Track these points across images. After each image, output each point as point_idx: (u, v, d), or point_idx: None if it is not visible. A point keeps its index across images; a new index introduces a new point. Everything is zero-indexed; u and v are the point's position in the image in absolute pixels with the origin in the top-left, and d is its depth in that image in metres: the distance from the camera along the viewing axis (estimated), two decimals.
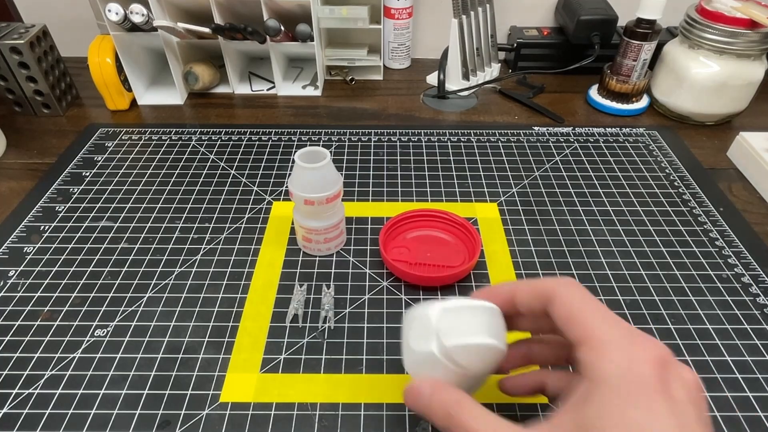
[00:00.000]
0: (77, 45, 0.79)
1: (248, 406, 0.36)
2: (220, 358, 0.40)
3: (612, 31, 0.73)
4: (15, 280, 0.46)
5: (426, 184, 0.57)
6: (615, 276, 0.46)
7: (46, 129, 0.67)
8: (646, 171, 0.59)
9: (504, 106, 0.72)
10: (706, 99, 0.65)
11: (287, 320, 0.42)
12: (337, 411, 0.36)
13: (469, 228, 0.47)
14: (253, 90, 0.75)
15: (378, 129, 0.66)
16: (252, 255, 0.48)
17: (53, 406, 0.36)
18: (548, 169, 0.59)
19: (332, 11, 0.69)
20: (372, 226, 0.51)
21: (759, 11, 0.59)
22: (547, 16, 0.82)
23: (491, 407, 0.36)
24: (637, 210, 0.54)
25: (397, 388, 0.38)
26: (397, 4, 0.75)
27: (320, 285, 0.45)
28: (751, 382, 0.38)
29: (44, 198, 0.55)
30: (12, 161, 0.61)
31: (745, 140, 0.59)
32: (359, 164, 0.60)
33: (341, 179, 0.44)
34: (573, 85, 0.76)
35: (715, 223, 0.52)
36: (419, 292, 0.45)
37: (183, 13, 0.69)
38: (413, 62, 0.84)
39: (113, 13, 0.61)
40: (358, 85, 0.78)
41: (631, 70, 0.67)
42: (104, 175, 0.58)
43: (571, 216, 0.53)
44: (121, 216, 0.52)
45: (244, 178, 0.58)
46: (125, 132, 0.66)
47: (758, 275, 0.46)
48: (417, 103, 0.73)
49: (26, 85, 0.66)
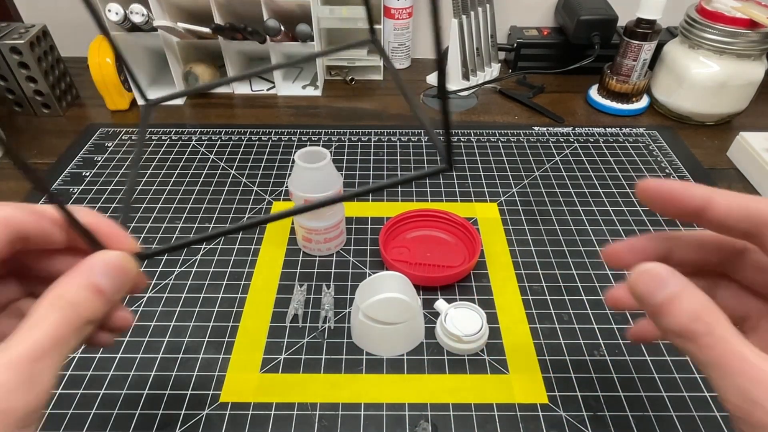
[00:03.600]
0: (77, 45, 0.79)
1: (248, 406, 0.36)
2: (220, 358, 0.40)
3: (612, 31, 0.73)
4: None
5: (426, 184, 0.57)
6: (615, 276, 0.46)
7: (46, 129, 0.67)
8: (646, 171, 0.59)
9: (504, 106, 0.72)
10: (706, 99, 0.65)
11: (287, 320, 0.42)
12: (337, 411, 0.36)
13: (469, 228, 0.47)
14: (253, 90, 0.75)
15: (378, 129, 0.66)
16: (252, 255, 0.48)
17: (54, 406, 0.36)
18: (548, 169, 0.59)
19: (332, 11, 0.69)
20: (372, 226, 0.51)
21: (759, 11, 0.59)
22: (547, 16, 0.82)
23: (491, 407, 0.36)
24: (637, 210, 0.53)
25: (397, 388, 0.38)
26: (397, 4, 0.75)
27: (320, 285, 0.45)
28: None
29: (44, 198, 0.55)
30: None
31: (745, 140, 0.59)
32: (359, 164, 0.60)
33: (341, 179, 0.44)
34: (573, 85, 0.76)
35: None
36: (419, 292, 0.45)
37: (183, 13, 0.69)
38: (413, 62, 0.84)
39: (113, 13, 0.61)
40: (358, 85, 0.78)
41: (631, 70, 0.67)
42: (104, 175, 0.58)
43: (571, 216, 0.53)
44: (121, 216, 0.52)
45: (244, 178, 0.58)
46: (125, 132, 0.66)
47: None
48: (417, 103, 0.73)
49: (26, 85, 0.66)
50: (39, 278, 0.26)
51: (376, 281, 0.39)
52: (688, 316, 0.21)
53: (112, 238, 0.23)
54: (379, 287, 0.38)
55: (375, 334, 0.39)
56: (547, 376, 0.38)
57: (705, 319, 0.21)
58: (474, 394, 0.37)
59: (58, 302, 0.21)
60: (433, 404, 0.37)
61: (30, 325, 0.20)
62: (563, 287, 0.45)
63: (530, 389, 0.38)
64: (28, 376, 0.19)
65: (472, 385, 0.38)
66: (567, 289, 0.45)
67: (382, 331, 0.38)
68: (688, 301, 0.21)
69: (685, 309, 0.21)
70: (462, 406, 0.36)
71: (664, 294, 0.22)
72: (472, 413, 0.36)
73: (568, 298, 0.44)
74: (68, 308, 0.21)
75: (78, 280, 0.21)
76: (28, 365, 0.19)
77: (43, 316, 0.20)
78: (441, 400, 0.37)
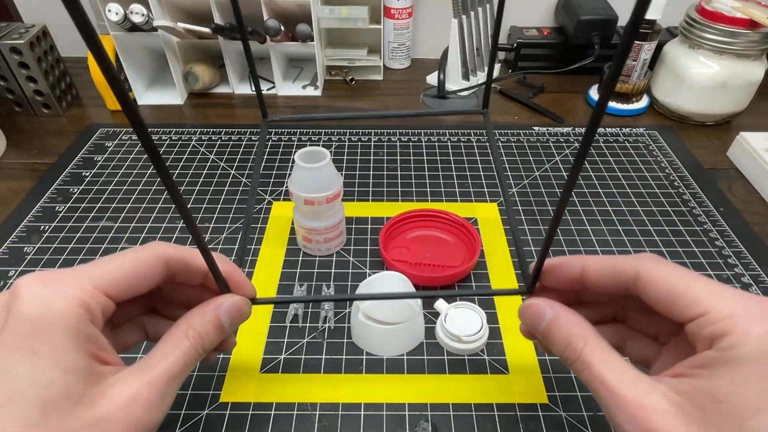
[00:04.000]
0: (77, 45, 0.79)
1: (248, 406, 0.36)
2: (220, 358, 0.40)
3: (612, 31, 0.73)
4: (15, 280, 0.46)
5: (426, 184, 0.57)
6: None
7: (46, 129, 0.67)
8: (646, 171, 0.59)
9: (504, 106, 0.72)
10: (706, 99, 0.65)
11: (287, 320, 0.42)
12: (337, 411, 0.36)
13: (469, 228, 0.47)
14: (253, 90, 0.75)
15: (378, 129, 0.66)
16: (252, 255, 0.48)
17: None
18: (548, 169, 0.59)
19: (332, 11, 0.69)
20: (372, 226, 0.51)
21: (759, 11, 0.59)
22: (547, 16, 0.82)
23: (491, 407, 0.36)
24: (637, 210, 0.54)
25: (397, 388, 0.38)
26: (397, 4, 0.75)
27: (320, 285, 0.45)
28: None
29: (44, 198, 0.55)
30: (12, 161, 0.61)
31: (745, 140, 0.59)
32: (359, 164, 0.60)
33: (341, 179, 0.44)
34: (573, 85, 0.76)
35: (715, 223, 0.52)
36: None
37: (183, 13, 0.69)
38: (413, 62, 0.84)
39: (113, 13, 0.61)
40: (358, 85, 0.78)
41: (631, 70, 0.67)
42: (104, 175, 0.58)
43: (571, 216, 0.53)
44: (121, 216, 0.52)
45: (244, 178, 0.58)
46: (125, 132, 0.66)
47: (758, 275, 0.46)
48: (417, 103, 0.73)
49: (26, 85, 0.66)
50: (162, 299, 0.31)
51: (376, 281, 0.39)
52: (560, 345, 0.25)
53: (239, 285, 0.29)
54: (379, 287, 0.38)
55: (375, 334, 0.39)
56: (547, 376, 0.38)
57: (573, 346, 0.24)
58: (474, 394, 0.37)
59: (190, 332, 0.26)
60: (433, 404, 0.37)
61: (165, 352, 0.25)
62: None
63: (530, 389, 0.38)
64: (163, 394, 0.24)
65: (472, 385, 0.38)
66: None
67: (382, 331, 0.38)
68: (559, 330, 0.25)
69: (557, 338, 0.25)
70: (462, 406, 0.36)
71: (543, 325, 0.26)
72: (472, 413, 0.36)
73: None
74: (196, 339, 0.26)
75: (207, 317, 0.26)
76: (164, 385, 0.24)
77: (177, 344, 0.25)
78: (441, 400, 0.37)
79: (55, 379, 0.21)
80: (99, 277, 0.25)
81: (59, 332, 0.22)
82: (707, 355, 0.22)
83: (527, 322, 0.27)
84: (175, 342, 0.25)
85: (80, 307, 0.23)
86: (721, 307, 0.22)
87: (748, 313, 0.22)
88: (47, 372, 0.22)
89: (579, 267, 0.27)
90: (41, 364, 0.22)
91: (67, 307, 0.23)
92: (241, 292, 0.28)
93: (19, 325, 0.22)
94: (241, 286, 0.29)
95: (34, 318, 0.22)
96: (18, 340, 0.22)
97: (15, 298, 0.23)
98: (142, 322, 0.30)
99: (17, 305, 0.23)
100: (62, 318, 0.23)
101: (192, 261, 0.28)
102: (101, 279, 0.25)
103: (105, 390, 0.23)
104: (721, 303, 0.22)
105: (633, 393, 0.22)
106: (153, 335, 0.30)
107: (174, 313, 0.30)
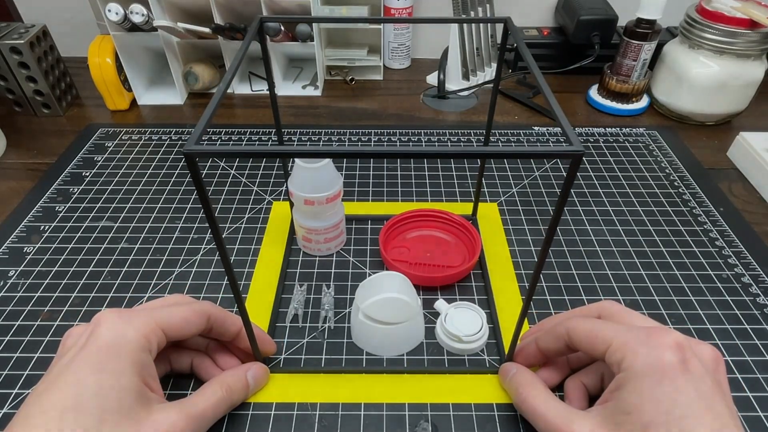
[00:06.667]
0: (77, 45, 0.79)
1: (248, 406, 0.36)
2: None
3: (612, 31, 0.73)
4: (15, 280, 0.46)
5: (426, 184, 0.57)
6: (615, 276, 0.46)
7: (46, 129, 0.67)
8: (646, 171, 0.59)
9: (504, 106, 0.72)
10: (706, 99, 0.65)
11: (287, 320, 0.42)
12: (337, 411, 0.36)
13: (469, 228, 0.47)
14: (253, 90, 0.75)
15: (378, 129, 0.66)
16: (252, 255, 0.48)
17: None
18: (548, 169, 0.59)
19: (332, 11, 0.69)
20: (372, 226, 0.51)
21: (759, 11, 0.59)
22: (547, 16, 0.82)
23: (491, 407, 0.36)
24: (637, 210, 0.54)
25: (397, 388, 0.38)
26: (397, 4, 0.75)
27: (320, 285, 0.45)
28: (751, 382, 0.38)
29: (44, 198, 0.55)
30: (12, 161, 0.61)
31: (745, 140, 0.59)
32: (359, 164, 0.60)
33: (341, 179, 0.44)
34: (573, 85, 0.76)
35: (715, 223, 0.52)
36: (419, 292, 0.45)
37: (183, 13, 0.69)
38: (413, 62, 0.84)
39: (113, 13, 0.61)
40: (358, 85, 0.78)
41: (631, 70, 0.67)
42: (104, 175, 0.58)
43: (571, 216, 0.53)
44: (121, 216, 0.52)
45: (244, 178, 0.58)
46: (125, 132, 0.66)
47: (758, 275, 0.46)
48: (417, 103, 0.73)
49: (26, 85, 0.66)
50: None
51: (376, 281, 0.39)
52: (513, 391, 0.35)
53: (265, 345, 0.38)
54: (379, 287, 0.38)
55: (375, 334, 0.39)
56: None
57: (521, 393, 0.33)
58: (474, 394, 0.37)
59: (224, 385, 0.33)
60: (433, 404, 0.37)
61: (204, 397, 0.32)
62: (563, 287, 0.45)
63: None
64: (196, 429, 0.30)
65: (472, 385, 0.38)
66: (567, 289, 0.45)
67: (382, 331, 0.38)
68: (513, 381, 0.35)
69: (510, 387, 0.35)
70: (462, 406, 0.36)
71: (507, 380, 0.36)
72: (472, 413, 0.36)
73: (568, 298, 0.44)
74: (227, 391, 0.33)
75: (238, 377, 0.35)
76: (199, 422, 0.31)
77: (213, 393, 0.33)
78: (441, 400, 0.37)
79: (112, 393, 0.27)
80: (161, 318, 0.31)
81: (123, 356, 0.28)
82: (617, 378, 0.29)
83: (501, 378, 0.37)
84: (211, 391, 0.33)
85: (144, 337, 0.30)
86: (619, 338, 0.29)
87: (637, 338, 0.29)
88: (108, 386, 0.27)
89: (534, 347, 0.35)
90: (105, 380, 0.27)
91: (134, 335, 0.29)
92: (265, 347, 0.37)
93: (95, 347, 0.28)
94: (264, 343, 0.37)
95: (108, 342, 0.29)
96: (91, 358, 0.28)
97: (97, 326, 0.29)
98: (167, 355, 0.36)
99: (97, 331, 0.29)
100: (128, 344, 0.29)
101: (228, 323, 0.35)
102: (162, 319, 0.31)
103: (150, 414, 0.28)
104: (619, 335, 0.29)
105: (562, 421, 0.29)
106: (176, 368, 0.37)
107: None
